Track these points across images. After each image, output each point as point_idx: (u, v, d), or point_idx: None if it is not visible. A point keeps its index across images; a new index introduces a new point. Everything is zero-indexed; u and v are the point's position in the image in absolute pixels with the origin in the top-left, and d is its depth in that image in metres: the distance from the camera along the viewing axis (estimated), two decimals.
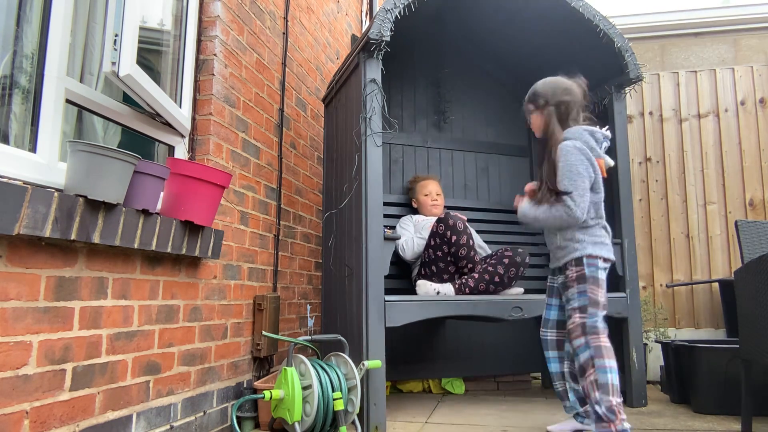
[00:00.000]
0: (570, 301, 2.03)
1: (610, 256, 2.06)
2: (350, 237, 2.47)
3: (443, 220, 2.67)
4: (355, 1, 4.44)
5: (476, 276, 2.67)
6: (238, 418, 2.19)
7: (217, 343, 2.10)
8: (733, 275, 3.20)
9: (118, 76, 1.57)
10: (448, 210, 3.09)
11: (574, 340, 1.98)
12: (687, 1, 4.18)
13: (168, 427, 1.78)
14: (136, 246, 1.55)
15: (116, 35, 1.55)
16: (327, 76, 3.55)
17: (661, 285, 3.75)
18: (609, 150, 3.00)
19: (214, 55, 2.18)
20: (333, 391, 2.06)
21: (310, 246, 3.15)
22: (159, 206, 1.77)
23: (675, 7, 4.12)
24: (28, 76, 1.52)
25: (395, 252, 2.85)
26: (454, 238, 2.63)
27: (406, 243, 2.85)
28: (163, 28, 2.03)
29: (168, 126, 1.99)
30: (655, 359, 3.41)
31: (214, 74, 2.17)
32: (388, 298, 2.28)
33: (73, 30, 1.64)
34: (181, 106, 2.06)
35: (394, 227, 3.06)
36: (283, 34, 2.89)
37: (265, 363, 2.47)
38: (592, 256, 2.03)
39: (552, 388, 3.24)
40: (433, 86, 3.47)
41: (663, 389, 3.02)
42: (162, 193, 1.76)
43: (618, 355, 2.68)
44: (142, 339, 1.68)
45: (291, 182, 2.91)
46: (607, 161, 2.13)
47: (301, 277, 3.01)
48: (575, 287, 2.01)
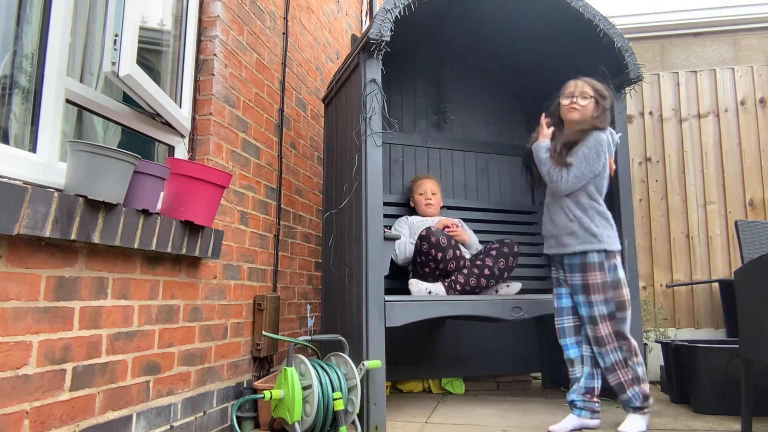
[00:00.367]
0: (589, 306, 2.14)
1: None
2: (350, 237, 2.47)
3: (425, 238, 2.64)
4: (355, 1, 4.44)
5: (465, 272, 2.67)
6: (238, 418, 2.19)
7: (217, 343, 2.10)
8: (733, 275, 3.19)
9: (118, 76, 1.57)
10: (440, 218, 3.00)
11: (605, 346, 2.12)
12: (687, 1, 4.17)
13: (168, 427, 1.78)
14: (136, 246, 1.55)
15: (116, 35, 1.55)
16: (327, 76, 3.55)
17: (661, 285, 3.75)
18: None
19: (214, 55, 2.18)
20: (333, 391, 2.06)
21: (310, 246, 3.15)
22: (159, 206, 1.77)
23: (675, 7, 4.12)
24: (28, 76, 1.52)
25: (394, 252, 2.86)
26: (440, 255, 2.63)
27: (398, 247, 2.85)
28: (163, 28, 2.03)
29: (168, 126, 1.99)
30: (655, 359, 3.41)
31: (214, 74, 2.17)
32: (388, 298, 2.28)
33: (73, 30, 1.64)
34: (181, 106, 2.06)
35: (393, 226, 3.06)
36: (283, 34, 2.89)
37: (265, 363, 2.47)
38: (611, 253, 2.13)
39: (552, 387, 3.26)
40: (433, 86, 3.47)
41: (663, 389, 3.02)
42: (162, 193, 1.76)
43: None
44: (142, 339, 1.68)
45: (291, 182, 2.91)
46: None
47: (301, 277, 3.01)
48: (600, 295, 2.12)
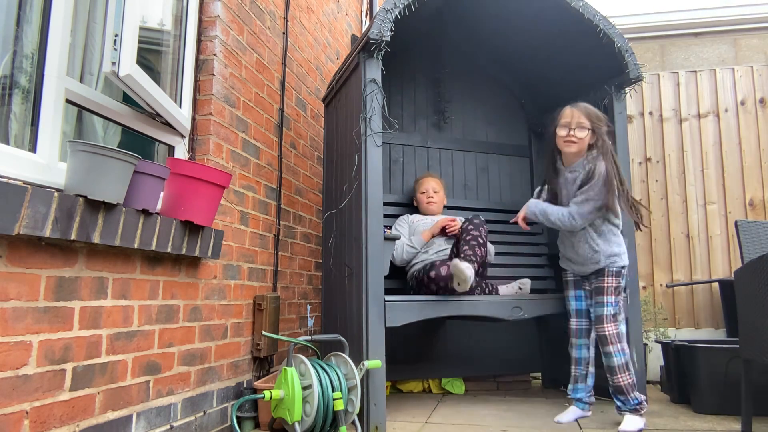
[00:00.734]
0: (601, 306, 2.26)
1: None
2: (350, 237, 2.47)
3: (434, 280, 2.51)
4: (355, 1, 4.44)
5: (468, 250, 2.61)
6: (238, 418, 2.20)
7: (217, 343, 2.10)
8: (733, 275, 3.20)
9: (118, 76, 1.57)
10: (439, 217, 2.94)
11: (608, 346, 2.22)
12: (687, 1, 4.17)
13: (168, 427, 1.78)
14: (136, 246, 1.55)
15: (116, 35, 1.55)
16: (327, 76, 3.55)
17: (661, 285, 3.75)
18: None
19: (214, 55, 2.18)
20: (333, 391, 2.06)
21: (310, 246, 3.15)
22: (159, 206, 1.77)
23: (675, 7, 4.12)
24: (28, 76, 1.52)
25: None
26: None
27: (395, 249, 2.80)
28: (163, 28, 2.03)
29: (168, 126, 1.99)
30: (655, 359, 3.41)
31: (214, 74, 2.17)
32: (388, 298, 2.28)
33: (73, 30, 1.64)
34: (181, 106, 2.06)
35: (393, 225, 3.06)
36: (283, 34, 2.89)
37: (265, 363, 2.47)
38: (625, 267, 2.34)
39: (552, 387, 3.26)
40: (433, 86, 3.47)
41: (663, 389, 3.02)
42: (162, 193, 1.76)
43: None
44: (142, 339, 1.68)
45: (291, 182, 2.91)
46: None
47: (301, 277, 3.01)
48: (612, 296, 2.26)
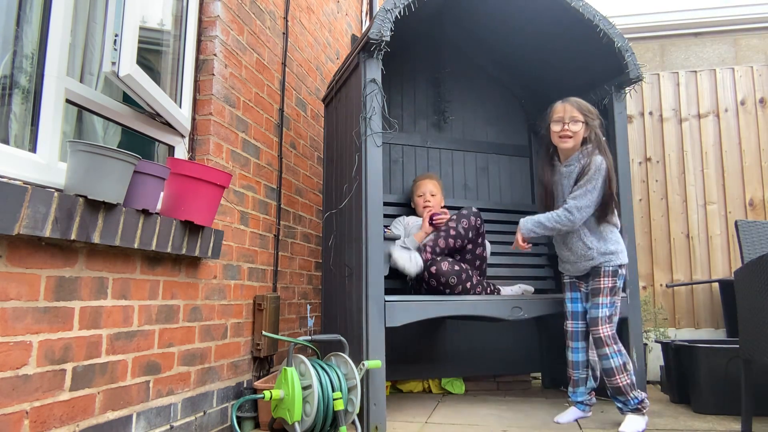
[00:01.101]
0: (596, 307, 2.23)
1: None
2: (350, 237, 2.47)
3: (435, 265, 2.54)
4: (355, 1, 4.44)
5: (433, 237, 2.70)
6: (238, 418, 2.20)
7: (217, 343, 2.10)
8: (733, 275, 3.20)
9: (118, 76, 1.57)
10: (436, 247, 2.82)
11: (604, 348, 2.19)
12: (687, 1, 4.17)
13: (168, 427, 1.78)
14: (136, 246, 1.55)
15: (116, 35, 1.55)
16: (327, 76, 3.55)
17: (661, 285, 3.75)
18: (609, 149, 3.04)
19: (214, 55, 2.18)
20: (333, 391, 2.06)
21: (310, 246, 3.15)
22: (159, 206, 1.77)
23: (675, 7, 4.12)
24: (28, 76, 1.52)
25: None
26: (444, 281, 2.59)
27: (410, 262, 2.70)
28: (163, 28, 2.04)
29: (168, 126, 1.99)
30: (655, 359, 3.41)
31: (214, 74, 2.17)
32: (388, 298, 2.28)
33: (73, 30, 1.64)
34: (181, 106, 2.06)
35: (390, 226, 3.05)
36: (283, 34, 2.89)
37: (265, 363, 2.47)
38: (623, 266, 2.29)
39: (552, 387, 3.26)
40: (433, 86, 3.47)
41: (663, 389, 3.02)
42: (162, 193, 1.76)
43: None
44: (142, 339, 1.68)
45: (291, 182, 2.91)
46: None
47: (301, 277, 3.01)
48: (607, 298, 2.22)
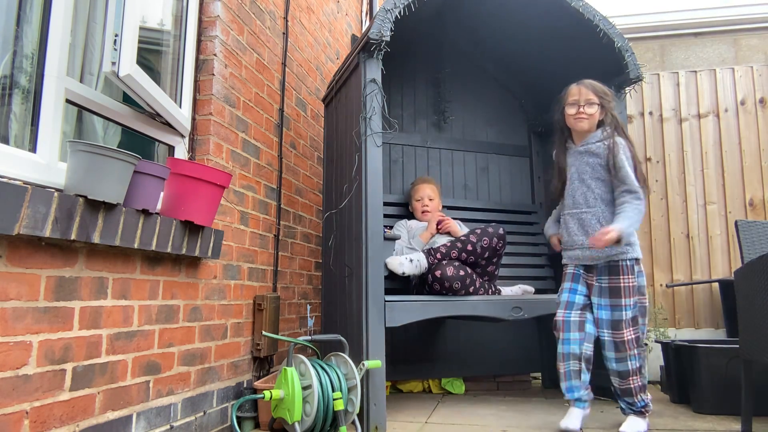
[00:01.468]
0: (619, 309, 2.11)
1: None
2: (350, 237, 2.47)
3: (439, 269, 2.51)
4: (355, 1, 4.44)
5: (448, 244, 2.62)
6: (238, 418, 2.19)
7: (217, 343, 2.10)
8: (733, 275, 3.19)
9: (118, 76, 1.57)
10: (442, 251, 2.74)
11: (626, 352, 2.09)
12: (687, 1, 4.17)
13: (168, 427, 1.78)
14: (136, 246, 1.55)
15: (116, 35, 1.55)
16: (327, 76, 3.55)
17: (661, 285, 3.75)
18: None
19: (214, 55, 2.18)
20: (333, 391, 2.06)
21: (310, 246, 3.15)
22: (159, 206, 1.77)
23: (675, 7, 4.12)
24: (28, 76, 1.52)
25: None
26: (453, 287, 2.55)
27: (418, 264, 2.64)
28: (163, 28, 2.04)
29: (168, 126, 1.99)
30: (655, 359, 3.40)
31: (214, 74, 2.17)
32: (388, 298, 2.28)
33: (73, 30, 1.64)
34: (181, 106, 2.06)
35: (392, 228, 3.05)
36: (283, 34, 2.89)
37: (265, 363, 2.47)
38: (639, 260, 2.16)
39: (552, 387, 3.25)
40: (433, 86, 3.47)
41: (663, 389, 3.02)
42: (162, 193, 1.76)
43: None
44: (142, 339, 1.68)
45: (291, 182, 2.91)
46: None
47: (301, 277, 3.01)
48: (630, 299, 2.10)
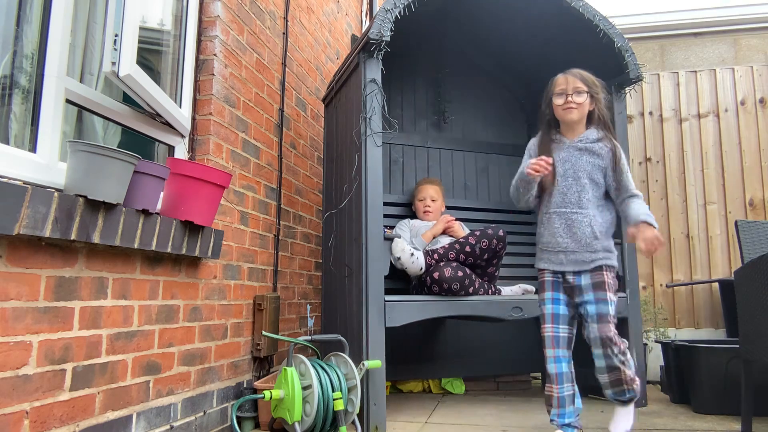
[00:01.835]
0: (604, 303, 1.97)
1: None
2: (350, 237, 2.47)
3: (437, 270, 2.50)
4: (355, 1, 4.44)
5: (446, 245, 2.62)
6: (238, 418, 2.19)
7: (217, 343, 2.10)
8: (733, 275, 3.19)
9: (118, 76, 1.57)
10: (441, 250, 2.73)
11: (613, 347, 1.95)
12: (687, 1, 4.18)
13: (168, 427, 1.78)
14: (136, 246, 1.55)
15: (116, 35, 1.55)
16: (327, 76, 3.55)
17: (661, 285, 3.75)
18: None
19: (214, 55, 2.18)
20: (333, 391, 2.06)
21: (310, 246, 3.15)
22: (159, 206, 1.77)
23: (675, 7, 4.12)
24: (28, 76, 1.52)
25: None
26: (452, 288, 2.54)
27: (414, 260, 2.62)
28: (163, 28, 2.03)
29: (168, 126, 1.99)
30: (655, 359, 3.41)
31: (214, 74, 2.17)
32: (388, 298, 2.28)
33: (73, 30, 1.64)
34: (181, 106, 2.06)
35: (393, 227, 3.06)
36: (283, 34, 2.89)
37: (265, 363, 2.47)
38: (616, 268, 2.06)
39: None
40: (433, 86, 3.47)
41: (663, 389, 3.02)
42: (162, 193, 1.76)
43: None
44: (142, 339, 1.68)
45: (291, 182, 2.91)
46: None
47: (301, 277, 3.01)
48: (613, 294, 1.99)
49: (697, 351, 2.56)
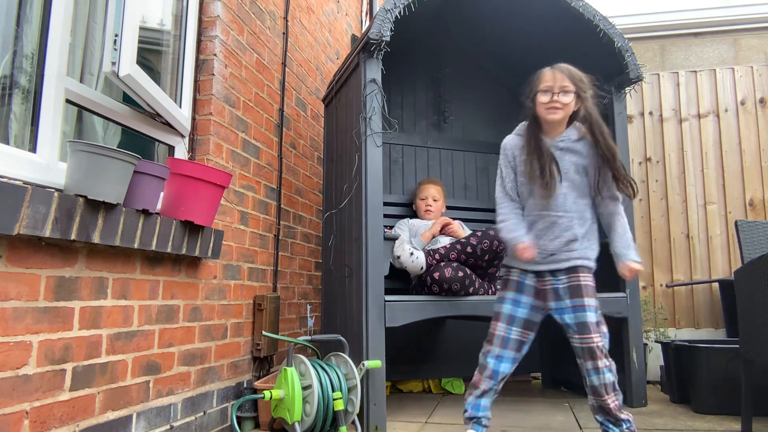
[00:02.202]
0: (583, 310, 1.85)
1: None
2: (350, 237, 2.47)
3: (437, 270, 2.49)
4: (355, 1, 4.44)
5: (447, 246, 2.63)
6: (238, 418, 2.19)
7: (217, 343, 2.10)
8: (733, 275, 3.19)
9: (118, 76, 1.57)
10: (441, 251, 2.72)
11: (599, 361, 1.82)
12: (687, 1, 4.17)
13: (168, 427, 1.78)
14: (136, 246, 1.55)
15: (116, 35, 1.55)
16: (327, 76, 3.55)
17: (661, 285, 3.75)
18: None
19: (214, 55, 2.18)
20: (333, 391, 2.06)
21: (310, 246, 3.15)
22: (159, 206, 1.77)
23: (675, 7, 4.12)
24: (28, 76, 1.52)
25: None
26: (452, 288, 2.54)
27: (413, 259, 2.65)
28: (163, 28, 2.04)
29: (168, 126, 1.99)
30: (655, 359, 3.41)
31: (214, 74, 2.17)
32: (388, 298, 2.28)
33: (73, 30, 1.64)
34: (181, 106, 2.06)
35: (394, 227, 3.06)
36: (283, 34, 2.89)
37: (265, 363, 2.47)
38: (592, 270, 1.95)
39: (552, 387, 3.25)
40: (433, 86, 3.47)
41: (663, 389, 3.02)
42: (162, 193, 1.76)
43: (618, 356, 2.70)
44: (142, 339, 1.68)
45: (291, 182, 2.91)
46: None
47: (301, 277, 3.01)
48: (593, 299, 1.86)
49: (697, 351, 2.57)
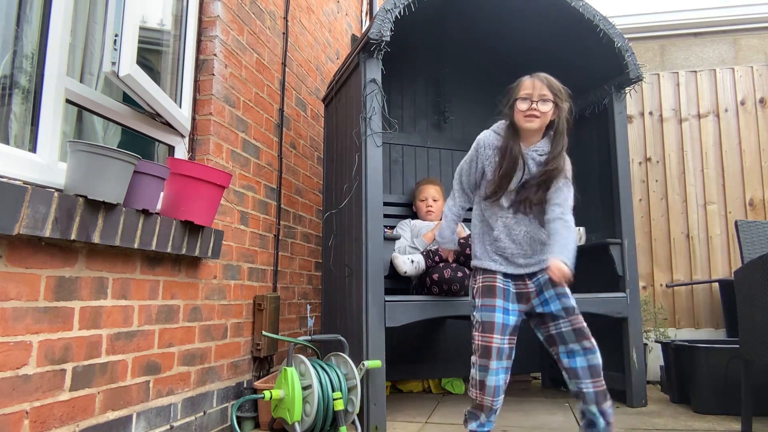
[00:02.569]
0: (566, 296, 1.89)
1: None
2: (350, 237, 2.47)
3: (437, 272, 2.50)
4: (355, 1, 4.44)
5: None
6: (238, 418, 2.19)
7: (217, 343, 2.10)
8: (733, 275, 3.20)
9: (118, 76, 1.57)
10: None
11: (588, 340, 1.83)
12: (687, 1, 4.18)
13: (168, 427, 1.78)
14: (136, 246, 1.55)
15: (116, 35, 1.55)
16: (327, 76, 3.55)
17: (661, 285, 3.75)
18: (609, 149, 2.99)
19: (214, 55, 2.18)
20: (333, 391, 2.06)
21: (310, 246, 3.15)
22: (159, 206, 1.77)
23: (675, 7, 4.12)
24: (28, 76, 1.52)
25: None
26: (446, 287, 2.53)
27: (398, 249, 2.76)
28: (163, 28, 2.04)
29: (168, 126, 1.99)
30: (655, 359, 3.41)
31: (214, 74, 2.17)
32: (388, 298, 2.28)
33: (73, 30, 1.64)
34: (181, 106, 2.06)
35: (394, 227, 3.06)
36: (283, 34, 2.89)
37: (265, 363, 2.47)
38: None
39: (552, 387, 3.25)
40: (433, 86, 3.47)
41: (663, 389, 3.02)
42: (162, 193, 1.76)
43: (618, 355, 2.71)
44: (142, 339, 1.68)
45: (291, 182, 2.91)
46: None
47: (301, 277, 3.01)
48: (566, 288, 1.90)
49: (697, 351, 2.57)
